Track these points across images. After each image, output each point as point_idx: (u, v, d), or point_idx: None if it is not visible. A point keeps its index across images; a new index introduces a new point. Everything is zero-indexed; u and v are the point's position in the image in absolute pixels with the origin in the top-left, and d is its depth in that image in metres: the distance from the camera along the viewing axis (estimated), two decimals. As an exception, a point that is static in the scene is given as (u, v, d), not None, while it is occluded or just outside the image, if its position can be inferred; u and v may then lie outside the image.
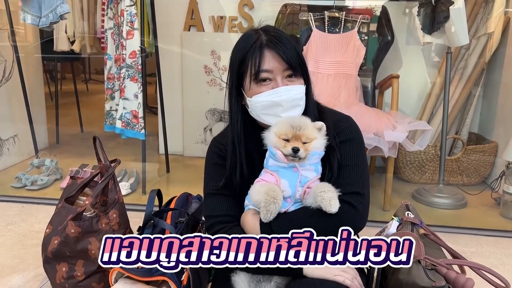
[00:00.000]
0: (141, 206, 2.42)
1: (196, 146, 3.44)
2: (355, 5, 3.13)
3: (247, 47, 1.22)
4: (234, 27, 3.21)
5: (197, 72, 3.30)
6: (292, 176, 1.16)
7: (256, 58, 1.20)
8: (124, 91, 2.60)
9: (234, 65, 1.27)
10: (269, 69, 1.21)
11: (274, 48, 1.20)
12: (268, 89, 1.22)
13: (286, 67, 1.21)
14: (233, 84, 1.28)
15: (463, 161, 2.85)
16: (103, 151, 1.73)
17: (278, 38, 1.22)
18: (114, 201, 1.62)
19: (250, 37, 1.24)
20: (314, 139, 1.16)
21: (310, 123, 1.19)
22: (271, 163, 1.18)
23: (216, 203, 1.33)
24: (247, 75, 1.23)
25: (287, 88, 1.22)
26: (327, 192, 1.12)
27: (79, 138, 4.02)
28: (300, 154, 1.14)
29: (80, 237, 1.48)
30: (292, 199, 1.17)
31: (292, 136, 1.16)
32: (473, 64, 2.89)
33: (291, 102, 1.22)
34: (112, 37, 2.74)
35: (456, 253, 1.48)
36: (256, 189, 1.16)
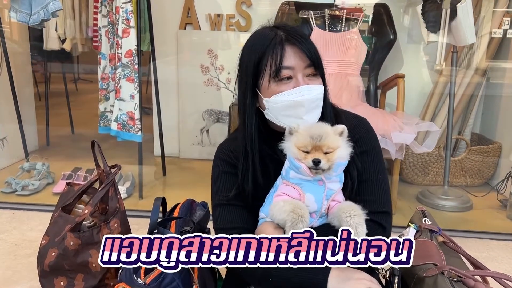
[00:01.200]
0: (138, 211, 2.33)
1: (192, 148, 3.34)
2: (343, 4, 3.04)
3: (265, 44, 1.13)
4: (231, 25, 3.13)
5: (193, 71, 3.21)
6: (317, 190, 1.08)
7: (277, 54, 1.11)
8: (119, 91, 2.49)
9: (249, 64, 1.16)
10: (290, 66, 1.11)
11: (296, 43, 1.11)
12: (288, 88, 1.13)
13: (307, 64, 1.12)
14: (247, 85, 1.17)
15: (467, 162, 2.81)
16: (102, 156, 1.64)
17: (299, 34, 1.14)
18: (115, 210, 1.52)
19: (266, 34, 1.15)
20: (337, 147, 1.07)
21: (330, 130, 1.09)
22: (292, 175, 1.09)
23: (227, 215, 1.25)
24: (265, 74, 1.13)
25: (309, 87, 1.12)
26: (353, 218, 1.03)
27: (70, 140, 3.90)
28: (322, 166, 1.05)
29: (80, 249, 1.39)
30: (317, 214, 1.09)
31: (312, 147, 1.07)
32: (476, 64, 2.85)
33: (312, 102, 1.13)
34: (107, 35, 2.63)
35: (477, 261, 1.42)
36: (280, 206, 1.06)
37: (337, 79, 2.66)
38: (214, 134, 3.29)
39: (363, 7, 2.96)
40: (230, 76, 3.17)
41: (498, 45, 2.81)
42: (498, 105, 2.90)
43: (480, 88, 2.92)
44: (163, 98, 3.07)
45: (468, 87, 2.89)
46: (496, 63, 2.89)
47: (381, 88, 2.78)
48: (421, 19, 2.53)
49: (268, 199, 1.19)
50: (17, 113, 2.96)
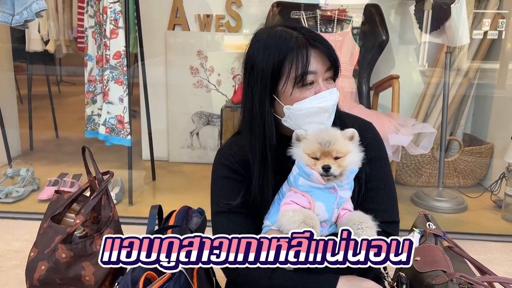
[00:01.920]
0: (128, 218, 2.25)
1: (182, 151, 3.27)
2: (327, 6, 3.00)
3: (286, 46, 1.05)
4: (221, 26, 3.06)
5: (182, 73, 3.14)
6: (329, 198, 1.03)
7: (302, 58, 1.04)
8: (108, 94, 2.41)
9: (265, 68, 1.07)
10: (314, 71, 1.06)
11: (319, 46, 1.06)
12: (311, 94, 1.07)
13: (328, 67, 1.08)
14: (264, 91, 1.09)
15: (460, 163, 2.80)
16: (94, 162, 1.56)
17: (319, 36, 1.08)
18: (108, 219, 1.45)
19: (283, 36, 1.07)
20: (348, 152, 1.03)
21: (340, 135, 1.05)
22: (301, 182, 1.04)
23: (228, 223, 1.19)
24: (287, 79, 1.07)
25: (330, 92, 1.08)
26: (365, 230, 0.99)
27: (55, 144, 3.78)
28: (333, 172, 1.00)
29: (72, 262, 1.31)
30: (328, 223, 1.04)
31: (321, 153, 1.02)
32: (468, 64, 2.84)
33: (333, 107, 1.10)
34: (93, 36, 2.55)
35: (483, 266, 1.40)
36: (290, 217, 1.00)
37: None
38: (204, 137, 3.22)
39: (346, 8, 2.94)
40: (220, 78, 3.11)
41: (488, 46, 2.81)
42: (489, 105, 2.90)
43: (471, 88, 2.92)
44: (151, 100, 2.99)
45: (460, 87, 2.89)
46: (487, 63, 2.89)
47: (374, 89, 2.76)
48: (414, 20, 2.51)
49: (273, 206, 1.14)
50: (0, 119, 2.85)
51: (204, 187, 1.39)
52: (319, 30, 2.75)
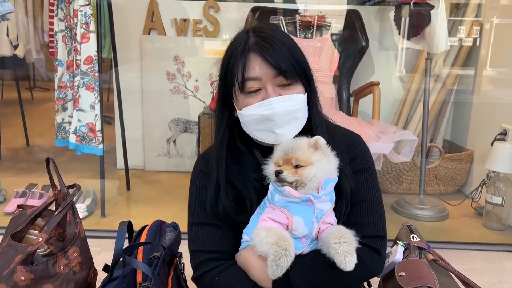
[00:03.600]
0: (100, 232, 2.15)
1: (158, 160, 3.17)
2: (306, 11, 2.96)
3: (233, 52, 1.03)
4: (198, 30, 2.99)
5: (158, 79, 3.04)
6: (306, 212, 0.97)
7: (239, 65, 1.00)
8: (78, 101, 2.30)
9: (221, 72, 1.07)
10: (256, 77, 1.01)
11: (260, 51, 1.00)
12: (257, 100, 1.02)
13: (276, 73, 1.01)
14: (219, 94, 1.09)
15: (440, 170, 2.78)
16: (58, 175, 1.45)
17: (268, 40, 1.01)
18: (74, 236, 1.34)
19: (237, 40, 1.05)
20: (310, 162, 0.98)
21: (304, 144, 1.00)
22: (277, 198, 0.98)
23: (205, 235, 1.12)
24: (234, 85, 1.03)
25: (279, 99, 1.01)
26: (343, 245, 0.94)
27: (25, 153, 3.62)
28: (285, 178, 0.96)
29: (32, 285, 1.20)
30: (308, 238, 0.97)
31: (283, 161, 0.99)
32: (447, 71, 2.84)
33: (285, 115, 1.02)
34: (64, 40, 2.44)
35: (468, 279, 1.36)
36: (262, 237, 0.94)
37: (309, 86, 2.58)
38: (181, 145, 3.13)
39: (325, 14, 2.90)
40: (198, 84, 3.03)
41: (467, 53, 2.81)
42: (468, 111, 2.90)
43: (450, 95, 2.92)
44: (126, 107, 2.88)
45: (439, 94, 2.88)
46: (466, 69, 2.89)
47: (354, 96, 2.72)
48: (393, 26, 2.49)
49: (252, 220, 1.07)
50: (-37, 125, 2.71)
51: (181, 197, 1.33)
52: (298, 36, 2.71)
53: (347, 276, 0.97)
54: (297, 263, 0.98)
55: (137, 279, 1.30)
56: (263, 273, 0.98)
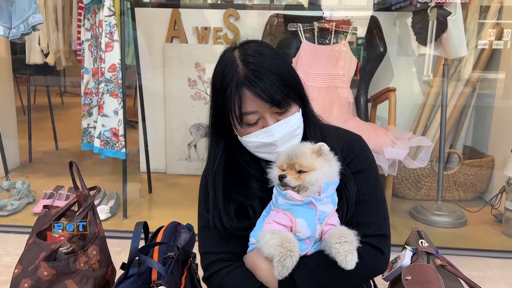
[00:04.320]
0: (122, 232, 2.23)
1: (180, 164, 3.25)
2: (331, 16, 3.01)
3: (225, 85, 1.04)
4: (219, 38, 3.07)
5: (180, 85, 3.13)
6: (309, 214, 1.01)
7: (235, 101, 1.03)
8: (103, 107, 2.41)
9: (215, 98, 1.09)
10: (253, 111, 1.04)
11: (252, 88, 1.02)
12: (257, 128, 1.06)
13: (270, 105, 1.04)
14: (214, 118, 1.12)
15: (460, 176, 2.76)
16: (80, 177, 1.54)
17: (257, 72, 1.02)
18: (94, 236, 1.42)
19: (227, 70, 1.04)
20: (312, 167, 1.01)
21: (308, 150, 1.04)
22: (281, 202, 1.03)
23: (214, 238, 1.17)
24: (233, 119, 1.06)
25: (279, 124, 1.06)
26: (343, 244, 0.97)
27: (54, 156, 3.78)
28: (288, 182, 1.00)
29: (55, 280, 1.29)
30: (311, 240, 1.01)
31: (287, 166, 1.03)
32: (467, 76, 2.81)
33: (286, 137, 1.08)
34: (90, 49, 2.55)
35: (477, 285, 1.36)
36: (267, 239, 0.98)
37: (327, 92, 2.61)
38: (202, 149, 3.20)
39: (351, 19, 2.93)
40: (218, 90, 3.10)
41: (488, 56, 2.77)
42: (489, 117, 2.86)
43: (471, 99, 2.88)
44: (149, 112, 2.99)
45: (460, 98, 2.85)
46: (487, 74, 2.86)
47: (371, 102, 2.73)
48: (411, 32, 2.49)
49: (259, 223, 1.12)
50: (-3, 130, 2.86)
51: (201, 200, 1.38)
52: (316, 43, 2.74)
53: (350, 275, 1.00)
54: (302, 263, 1.02)
55: (152, 277, 1.37)
56: (269, 274, 1.02)
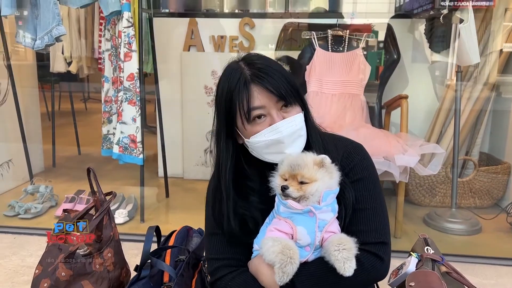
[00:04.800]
0: (139, 236, 2.30)
1: (196, 169, 3.33)
2: (353, 18, 3.06)
3: (232, 87, 1.10)
4: (235, 46, 3.13)
5: (197, 92, 3.21)
6: (309, 222, 1.05)
7: (243, 97, 1.08)
8: (121, 114, 2.50)
9: (220, 105, 1.14)
10: (260, 106, 1.09)
11: (260, 82, 1.08)
12: (264, 126, 1.11)
13: (277, 98, 1.10)
14: (221, 126, 1.16)
15: (475, 183, 2.74)
16: (97, 183, 1.62)
17: (263, 70, 1.09)
18: (109, 239, 1.50)
19: (232, 74, 1.12)
20: (314, 179, 1.05)
21: (310, 161, 1.07)
22: (282, 210, 1.07)
23: (220, 245, 1.22)
24: (238, 116, 1.11)
25: (286, 122, 1.11)
26: (342, 252, 1.01)
27: (76, 161, 3.90)
28: (290, 193, 1.04)
29: (72, 280, 1.36)
30: (312, 247, 1.05)
31: (289, 176, 1.07)
32: (483, 82, 2.79)
33: (292, 135, 1.12)
34: (110, 59, 2.65)
35: (481, 293, 1.37)
36: (269, 246, 1.03)
37: (340, 99, 2.64)
38: (218, 155, 3.26)
39: (372, 24, 2.96)
40: (233, 97, 3.16)
41: (506, 60, 2.75)
42: (506, 123, 2.83)
43: (488, 104, 2.84)
44: (166, 118, 3.07)
45: (476, 103, 2.82)
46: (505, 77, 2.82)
47: (385, 108, 2.75)
48: (424, 39, 2.50)
49: (262, 231, 1.16)
50: (22, 135, 2.99)
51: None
52: (330, 50, 2.77)
53: (349, 281, 1.04)
54: (302, 270, 1.06)
55: (164, 279, 1.43)
56: (271, 280, 1.06)
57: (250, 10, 3.95)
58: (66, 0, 2.51)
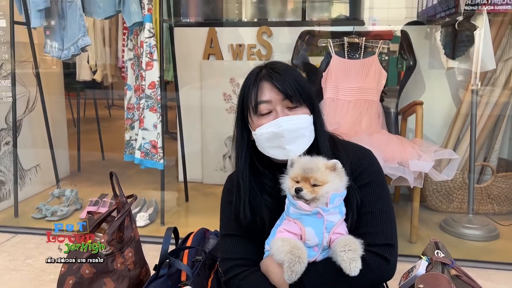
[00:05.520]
0: (159, 238, 2.36)
1: (215, 174, 3.40)
2: (375, 23, 3.10)
3: (247, 83, 1.23)
4: (252, 54, 3.21)
5: (216, 99, 3.29)
6: (317, 223, 1.10)
7: (253, 91, 1.19)
8: (143, 121, 2.60)
9: (238, 100, 1.26)
10: (267, 100, 1.18)
11: (269, 79, 1.19)
12: (268, 120, 1.19)
13: (282, 97, 1.18)
14: (238, 118, 1.27)
15: (493, 189, 2.72)
16: (119, 186, 1.71)
17: (277, 70, 1.20)
18: (130, 239, 1.58)
19: (251, 73, 1.24)
20: (326, 182, 1.10)
21: (322, 165, 1.13)
22: (292, 211, 1.12)
23: (233, 245, 1.28)
24: (249, 109, 1.22)
25: (288, 118, 1.18)
26: (348, 252, 1.05)
27: (100, 166, 4.04)
28: (304, 195, 1.09)
29: (95, 278, 1.45)
30: (319, 247, 1.11)
31: (301, 178, 1.12)
32: (501, 88, 2.78)
33: (293, 132, 1.18)
34: (132, 67, 2.76)
35: (492, 297, 1.38)
36: (278, 246, 1.09)
37: (356, 105, 2.67)
38: (236, 160, 3.33)
39: (393, 30, 2.99)
40: (251, 104, 3.23)
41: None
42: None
43: (506, 109, 2.82)
44: (187, 124, 3.16)
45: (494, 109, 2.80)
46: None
47: (401, 114, 2.77)
48: (440, 45, 2.52)
49: (272, 232, 1.22)
50: (49, 141, 3.13)
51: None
52: (346, 57, 2.81)
53: (355, 281, 1.08)
54: (311, 269, 1.11)
55: (182, 278, 1.50)
56: (281, 278, 1.12)
57: (269, 19, 4.03)
58: (92, 12, 2.63)
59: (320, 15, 4.15)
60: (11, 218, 2.76)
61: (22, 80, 2.99)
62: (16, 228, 2.62)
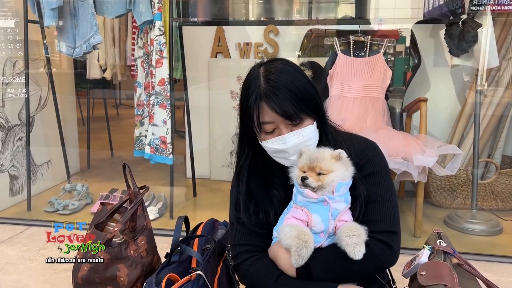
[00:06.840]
0: (168, 231, 2.44)
1: (222, 170, 3.46)
2: (381, 23, 3.14)
3: (248, 96, 1.19)
4: (259, 53, 3.26)
5: (223, 97, 3.35)
6: (323, 210, 1.15)
7: (255, 112, 1.17)
8: (153, 117, 2.66)
9: (241, 108, 1.24)
10: (270, 121, 1.18)
11: (268, 102, 1.15)
12: (274, 135, 1.21)
13: (284, 118, 1.18)
14: (241, 126, 1.28)
15: (497, 185, 2.76)
16: (132, 178, 1.77)
17: (275, 88, 1.15)
18: (142, 228, 1.64)
19: (251, 84, 1.20)
20: (331, 171, 1.15)
21: (328, 155, 1.17)
22: (299, 199, 1.17)
23: (242, 232, 1.33)
24: (254, 126, 1.21)
25: (292, 134, 1.20)
26: (352, 237, 1.10)
27: (110, 163, 4.11)
28: (309, 183, 1.13)
29: (109, 263, 1.50)
30: (325, 233, 1.16)
31: (308, 168, 1.16)
32: (505, 85, 2.82)
33: (297, 146, 1.21)
34: (142, 65, 2.83)
35: (493, 284, 1.42)
36: (286, 232, 1.13)
37: (362, 102, 2.72)
38: (243, 157, 3.38)
39: (400, 29, 3.03)
40: (258, 101, 3.29)
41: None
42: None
43: (511, 107, 2.86)
44: (195, 122, 3.23)
45: (498, 106, 2.84)
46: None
47: (406, 111, 2.81)
48: (444, 43, 2.56)
49: (280, 219, 1.27)
50: (61, 138, 3.20)
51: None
52: (352, 55, 2.86)
53: (360, 265, 1.13)
54: (317, 254, 1.16)
55: (192, 265, 1.55)
56: (288, 263, 1.17)
57: (275, 18, 4.09)
58: (103, 11, 2.70)
59: (326, 15, 4.21)
60: (24, 212, 2.84)
61: (34, 77, 3.06)
62: (29, 221, 2.69)
